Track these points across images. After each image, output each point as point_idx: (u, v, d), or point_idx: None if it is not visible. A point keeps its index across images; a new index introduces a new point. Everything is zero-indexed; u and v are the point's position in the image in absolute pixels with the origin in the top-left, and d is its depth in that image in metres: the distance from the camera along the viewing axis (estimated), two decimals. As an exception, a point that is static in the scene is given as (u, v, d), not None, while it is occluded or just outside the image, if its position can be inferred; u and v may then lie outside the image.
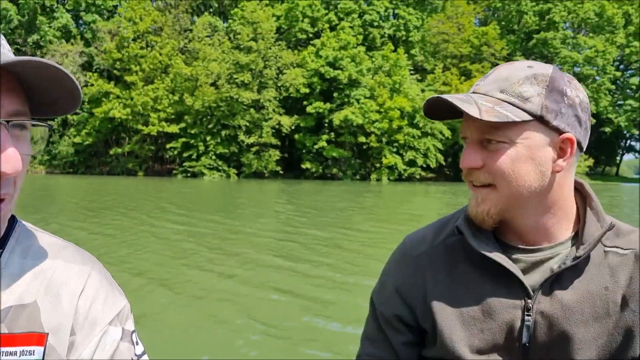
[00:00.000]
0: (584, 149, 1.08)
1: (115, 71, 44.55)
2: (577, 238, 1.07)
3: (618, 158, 73.35)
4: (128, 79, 43.92)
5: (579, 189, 1.13)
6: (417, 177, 45.47)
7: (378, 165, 44.71)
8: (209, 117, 43.18)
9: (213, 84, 43.18)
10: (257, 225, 11.85)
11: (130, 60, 44.05)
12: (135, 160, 45.23)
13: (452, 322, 1.07)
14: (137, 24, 44.59)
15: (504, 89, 1.00)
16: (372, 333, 1.18)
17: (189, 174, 42.88)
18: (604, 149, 67.72)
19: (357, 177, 45.11)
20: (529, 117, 0.98)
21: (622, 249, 1.06)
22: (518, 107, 0.99)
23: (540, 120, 1.00)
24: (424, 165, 45.53)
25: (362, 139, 43.33)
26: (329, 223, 12.64)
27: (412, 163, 44.71)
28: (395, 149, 44.37)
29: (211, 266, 7.36)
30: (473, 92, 1.04)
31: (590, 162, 53.89)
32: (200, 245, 9.10)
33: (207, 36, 45.86)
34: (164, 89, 43.70)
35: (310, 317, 5.13)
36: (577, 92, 1.04)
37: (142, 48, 44.77)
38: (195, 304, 5.50)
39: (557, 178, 1.04)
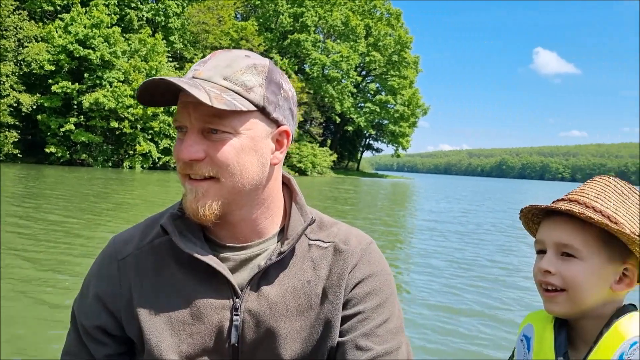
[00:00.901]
0: (292, 142, 1.08)
1: None
2: (283, 233, 1.07)
3: (359, 154, 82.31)
4: None
5: (286, 184, 1.13)
6: (172, 165, 45.06)
7: (131, 152, 43.18)
8: None
9: None
10: None
11: None
12: None
13: (159, 328, 1.00)
14: None
15: (227, 76, 0.96)
16: (73, 347, 1.06)
17: None
18: (346, 146, 75.44)
19: (109, 163, 42.96)
20: (253, 107, 0.96)
21: (323, 242, 1.08)
22: (243, 96, 0.95)
23: (262, 111, 0.98)
24: (180, 154, 45.33)
25: (114, 124, 41.28)
26: (15, 213, 11.38)
27: (167, 151, 44.17)
28: (150, 136, 43.32)
29: None
30: (193, 77, 0.96)
31: (335, 157, 59.34)
32: None
33: None
34: None
35: None
36: (289, 87, 1.04)
37: None
38: None
39: (274, 171, 1.04)
